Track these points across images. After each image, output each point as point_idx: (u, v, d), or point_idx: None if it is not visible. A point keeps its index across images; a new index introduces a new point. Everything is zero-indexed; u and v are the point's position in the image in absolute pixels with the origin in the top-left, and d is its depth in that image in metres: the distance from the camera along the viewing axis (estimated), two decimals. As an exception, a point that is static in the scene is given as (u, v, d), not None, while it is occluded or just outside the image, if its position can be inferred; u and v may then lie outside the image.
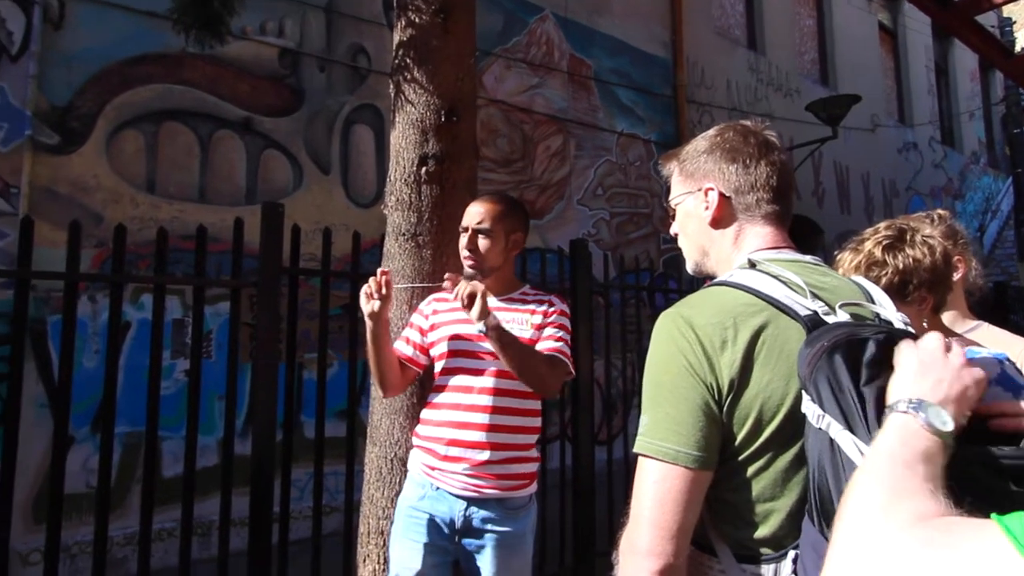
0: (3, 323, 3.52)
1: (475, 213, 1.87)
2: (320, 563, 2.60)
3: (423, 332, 1.94)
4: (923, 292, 1.32)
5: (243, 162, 4.55)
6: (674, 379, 0.90)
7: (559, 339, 1.83)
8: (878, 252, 1.34)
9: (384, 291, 1.78)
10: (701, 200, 1.07)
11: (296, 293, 2.68)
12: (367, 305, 1.78)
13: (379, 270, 1.79)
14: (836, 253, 1.44)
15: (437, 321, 1.92)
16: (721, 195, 1.05)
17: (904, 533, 0.55)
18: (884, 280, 1.32)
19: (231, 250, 2.57)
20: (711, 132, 1.11)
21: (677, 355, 0.91)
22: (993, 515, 0.52)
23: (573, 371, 1.87)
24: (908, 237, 1.35)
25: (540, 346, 1.81)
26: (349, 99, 5.06)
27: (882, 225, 1.41)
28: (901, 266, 1.32)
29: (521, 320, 1.85)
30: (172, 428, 3.84)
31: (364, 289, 1.78)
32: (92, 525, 2.34)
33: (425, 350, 1.94)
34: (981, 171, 13.41)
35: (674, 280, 6.80)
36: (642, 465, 0.91)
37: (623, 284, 3.95)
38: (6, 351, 2.43)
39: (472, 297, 1.66)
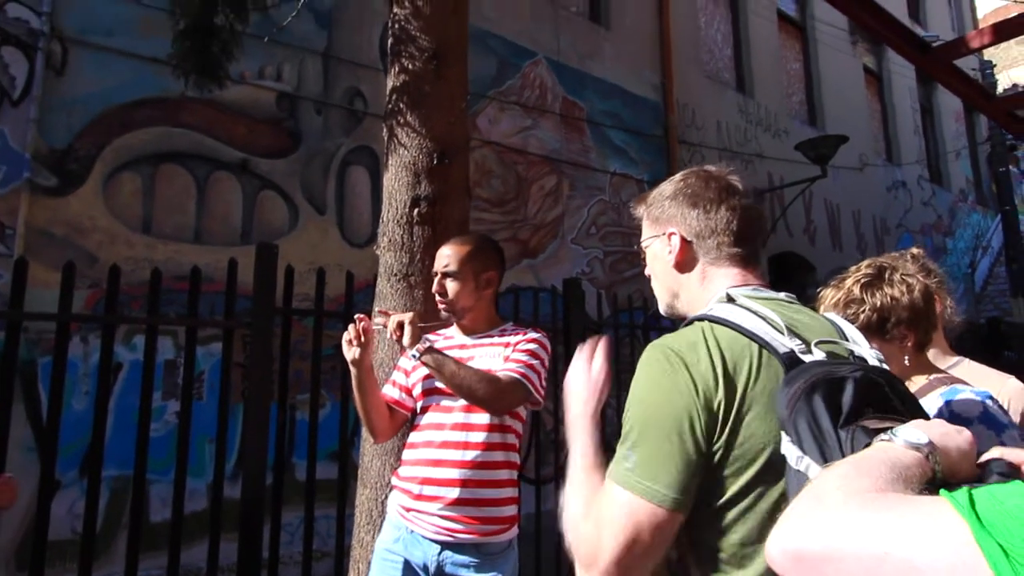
0: (-7, 365, 3.50)
1: (443, 256, 1.89)
2: (309, 610, 2.53)
3: (407, 374, 1.94)
4: (903, 329, 1.33)
5: (239, 203, 4.60)
6: (668, 422, 0.89)
7: (519, 361, 1.79)
8: (856, 290, 1.36)
9: (363, 338, 1.78)
10: (665, 244, 1.09)
11: (289, 333, 2.68)
12: (348, 352, 1.78)
13: (356, 316, 1.80)
14: (819, 289, 1.46)
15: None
16: (683, 239, 1.07)
17: (848, 499, 0.56)
18: (862, 317, 1.33)
19: (224, 294, 2.58)
20: (677, 177, 1.13)
21: (669, 398, 0.90)
22: (942, 491, 0.54)
23: (539, 396, 1.80)
24: (887, 276, 1.37)
25: (502, 367, 1.78)
26: (345, 141, 5.14)
27: (864, 263, 1.43)
28: (879, 304, 1.34)
29: (493, 353, 1.84)
30: (161, 471, 3.78)
31: (344, 336, 1.79)
32: (76, 573, 2.30)
33: (410, 392, 1.93)
34: (970, 208, 13.60)
35: (668, 319, 6.81)
36: (620, 497, 0.89)
37: (617, 322, 3.97)
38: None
39: (401, 326, 1.71)
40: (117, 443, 3.53)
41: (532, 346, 1.83)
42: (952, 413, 1.20)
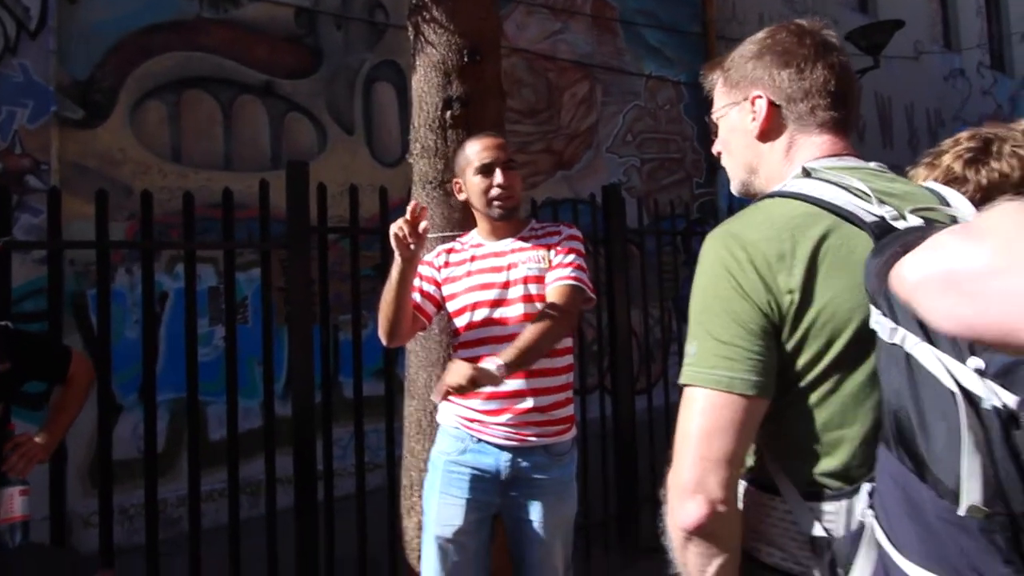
0: (44, 299, 3.59)
1: (496, 148, 1.78)
2: (365, 517, 2.63)
3: (436, 283, 1.86)
4: None
5: (266, 127, 4.51)
6: (724, 302, 0.83)
7: (569, 264, 1.73)
8: (958, 167, 1.20)
9: (420, 231, 1.63)
10: (748, 111, 0.97)
11: (326, 253, 2.65)
12: (402, 247, 1.63)
13: (412, 204, 1.64)
14: (908, 169, 1.31)
15: (452, 274, 1.83)
16: (770, 103, 0.95)
17: (1013, 227, 0.46)
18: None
19: (259, 217, 2.55)
20: (760, 35, 1.00)
21: (726, 276, 0.84)
22: None
23: (592, 294, 1.77)
24: (994, 149, 1.18)
25: (551, 276, 1.73)
26: (368, 56, 4.95)
27: (964, 135, 1.24)
28: (985, 182, 1.17)
29: (537, 258, 1.77)
30: (215, 393, 3.90)
31: (395, 231, 1.62)
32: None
33: (437, 302, 1.86)
34: (1034, 96, 12.66)
35: (710, 225, 6.62)
36: (689, 395, 0.84)
37: (659, 229, 3.84)
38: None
39: (473, 382, 1.53)
40: (172, 368, 3.64)
41: (573, 244, 1.79)
42: None
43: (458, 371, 1.53)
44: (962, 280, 0.44)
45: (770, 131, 0.96)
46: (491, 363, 1.56)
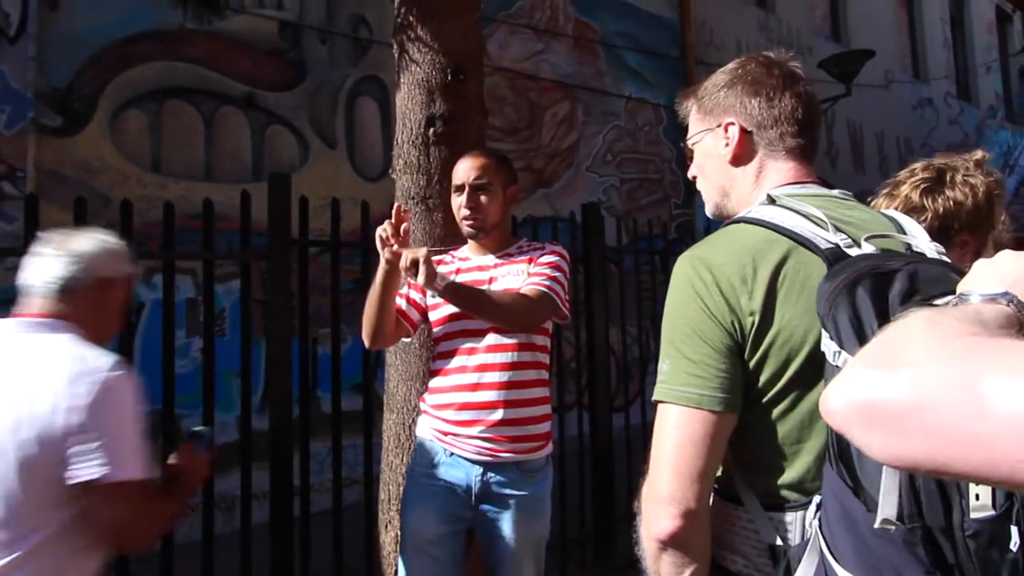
0: (17, 307, 3.53)
1: (469, 169, 1.80)
2: (342, 532, 2.61)
3: (423, 292, 1.88)
4: (964, 235, 1.26)
5: (248, 139, 4.51)
6: (692, 322, 0.88)
7: (543, 275, 1.76)
8: (915, 196, 1.27)
9: (402, 234, 1.70)
10: (720, 137, 1.02)
11: (306, 266, 2.65)
12: (385, 250, 1.69)
13: (396, 204, 1.70)
14: (870, 200, 1.37)
15: None
16: (742, 130, 1.00)
17: (933, 343, 0.46)
18: (923, 226, 1.26)
19: (239, 228, 2.54)
20: (731, 65, 1.06)
21: (694, 297, 0.88)
22: None
23: (565, 309, 1.78)
24: (948, 178, 1.27)
25: (526, 283, 1.75)
26: (352, 72, 4.98)
27: (919, 166, 1.33)
28: (941, 210, 1.25)
29: (517, 271, 1.80)
30: (191, 406, 3.84)
31: (380, 232, 1.68)
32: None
33: (422, 309, 1.89)
34: (998, 126, 13.08)
35: (687, 245, 6.71)
36: (662, 412, 0.89)
37: (637, 248, 3.90)
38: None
39: (415, 264, 1.57)
40: (148, 379, 3.57)
41: (554, 258, 1.81)
42: None
43: (416, 251, 1.61)
44: (883, 418, 0.45)
45: (742, 156, 1.01)
46: (442, 279, 1.64)
